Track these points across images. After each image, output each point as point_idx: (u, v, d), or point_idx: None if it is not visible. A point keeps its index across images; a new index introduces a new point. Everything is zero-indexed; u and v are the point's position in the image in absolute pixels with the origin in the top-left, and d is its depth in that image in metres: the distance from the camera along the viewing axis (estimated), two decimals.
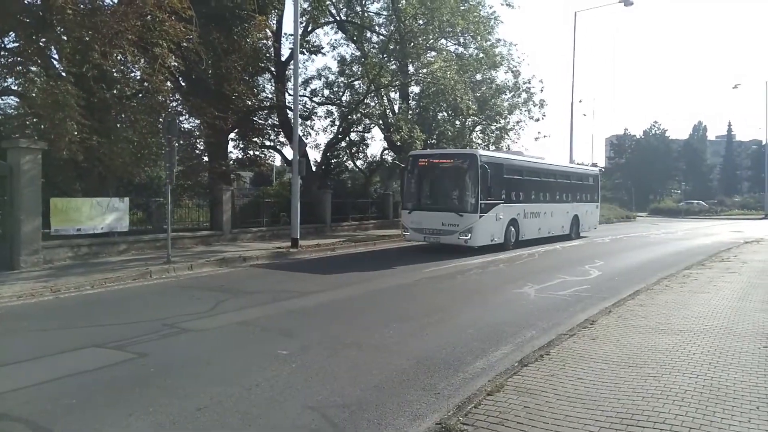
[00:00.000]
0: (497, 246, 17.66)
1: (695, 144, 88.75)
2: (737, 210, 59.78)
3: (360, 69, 25.60)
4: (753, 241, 22.47)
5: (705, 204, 62.92)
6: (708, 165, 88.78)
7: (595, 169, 29.60)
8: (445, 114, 27.57)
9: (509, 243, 18.30)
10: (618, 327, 7.52)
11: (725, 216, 54.57)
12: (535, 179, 20.64)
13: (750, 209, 59.03)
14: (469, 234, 16.51)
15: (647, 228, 34.23)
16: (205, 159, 21.48)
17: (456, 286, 11.99)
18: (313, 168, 26.08)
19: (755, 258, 16.05)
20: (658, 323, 7.69)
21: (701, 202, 64.49)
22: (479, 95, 27.64)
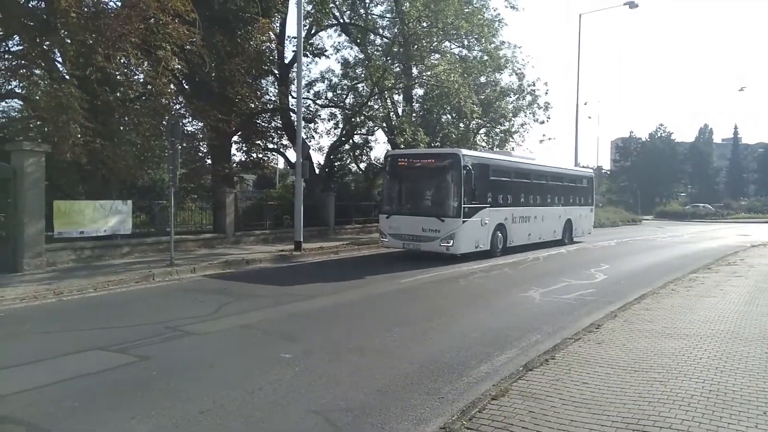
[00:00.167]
0: (483, 253, 16.55)
1: (701, 147, 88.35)
2: (744, 213, 59.61)
3: (363, 71, 25.59)
4: (760, 245, 22.33)
5: (711, 207, 62.72)
6: (714, 168, 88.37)
7: (590, 171, 27.97)
8: (449, 116, 27.54)
9: (496, 250, 17.17)
10: (624, 331, 7.47)
11: (732, 219, 54.41)
12: (525, 181, 19.46)
13: (757, 212, 58.86)
14: (451, 240, 15.32)
15: (653, 231, 34.10)
16: (209, 162, 21.47)
17: (459, 289, 11.93)
18: (317, 171, 26.05)
19: (762, 262, 15.94)
20: (664, 327, 7.63)
21: (707, 205, 64.27)
22: (483, 98, 27.61)
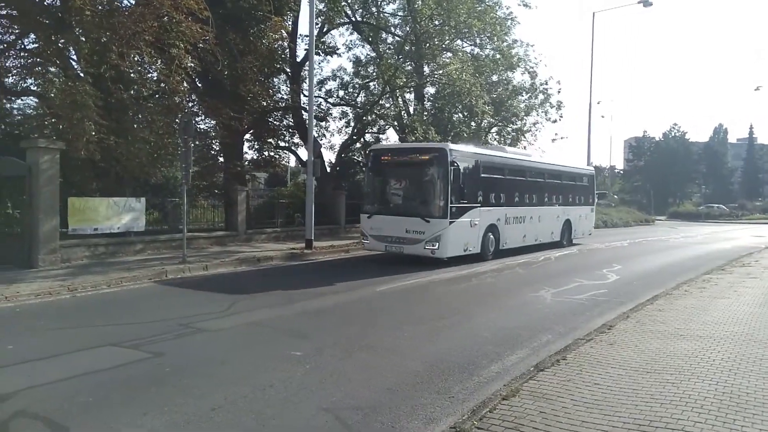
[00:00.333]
0: (473, 256, 15.40)
1: (716, 147, 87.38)
2: (759, 214, 58.97)
3: (375, 70, 25.57)
4: None
5: (725, 208, 62.04)
6: (729, 168, 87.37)
7: (591, 169, 26.18)
8: (461, 115, 27.44)
9: (487, 253, 15.99)
10: (636, 332, 7.41)
11: (746, 220, 53.84)
12: (520, 179, 18.14)
13: None
14: (437, 243, 14.16)
15: (666, 232, 33.83)
16: (221, 160, 21.61)
17: (470, 289, 11.91)
18: (328, 169, 26.09)
19: None
20: (677, 329, 7.57)
21: (721, 205, 63.57)
22: (495, 96, 27.48)
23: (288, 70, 23.46)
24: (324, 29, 24.15)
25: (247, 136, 23.17)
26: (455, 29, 23.19)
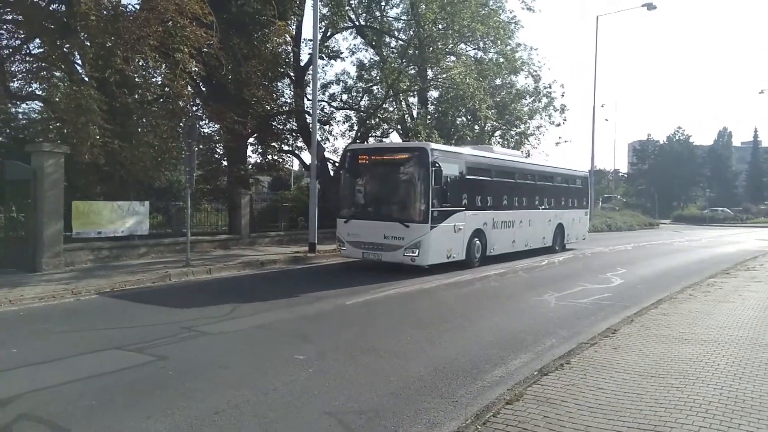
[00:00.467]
0: (458, 263, 14.60)
1: (720, 150, 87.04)
2: (763, 218, 58.72)
3: (378, 74, 25.64)
4: None
5: (730, 211, 61.77)
6: (733, 172, 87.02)
7: (584, 171, 24.73)
8: (464, 119, 27.46)
9: (473, 259, 15.11)
10: (640, 336, 7.38)
11: (751, 224, 53.61)
12: (508, 181, 17.15)
13: None
14: (417, 250, 13.30)
15: (671, 235, 33.72)
16: (225, 163, 21.66)
17: (474, 292, 11.90)
18: (331, 173, 26.13)
19: None
20: (681, 333, 7.54)
21: (726, 209, 63.31)
22: (499, 100, 27.52)
23: (292, 74, 23.54)
24: (328, 33, 24.24)
25: (251, 139, 23.21)
26: (459, 33, 23.25)
